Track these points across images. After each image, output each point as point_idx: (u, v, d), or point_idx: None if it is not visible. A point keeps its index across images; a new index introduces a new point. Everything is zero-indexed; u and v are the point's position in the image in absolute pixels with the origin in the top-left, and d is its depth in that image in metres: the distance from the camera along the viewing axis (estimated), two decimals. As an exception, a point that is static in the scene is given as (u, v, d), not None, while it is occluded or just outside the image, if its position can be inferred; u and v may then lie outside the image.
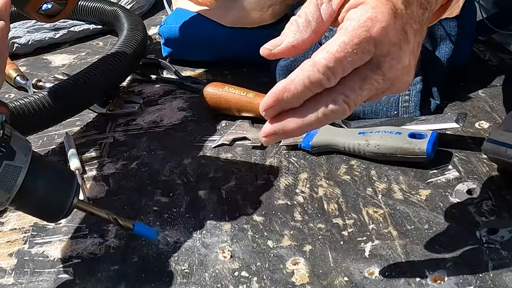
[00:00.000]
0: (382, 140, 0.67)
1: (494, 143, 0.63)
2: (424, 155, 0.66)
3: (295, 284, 0.55)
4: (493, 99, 0.79)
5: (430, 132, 0.68)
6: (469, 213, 0.60)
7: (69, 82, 0.80)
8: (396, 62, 0.48)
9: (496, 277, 0.53)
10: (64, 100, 0.77)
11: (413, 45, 0.49)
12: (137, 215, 0.65)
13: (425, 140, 0.66)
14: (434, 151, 0.67)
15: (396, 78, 0.49)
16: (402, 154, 0.67)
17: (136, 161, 0.75)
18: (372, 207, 0.63)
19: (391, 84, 0.49)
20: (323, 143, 0.71)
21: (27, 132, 0.75)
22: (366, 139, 0.68)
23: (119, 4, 1.13)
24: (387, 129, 0.69)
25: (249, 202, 0.65)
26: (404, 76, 0.49)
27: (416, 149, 0.66)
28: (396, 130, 0.68)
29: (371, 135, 0.69)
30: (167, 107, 0.87)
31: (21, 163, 0.51)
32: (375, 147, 0.67)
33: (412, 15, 0.49)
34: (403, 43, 0.48)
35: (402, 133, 0.68)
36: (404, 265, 0.55)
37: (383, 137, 0.68)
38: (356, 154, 0.69)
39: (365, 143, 0.68)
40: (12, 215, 0.67)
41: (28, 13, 0.75)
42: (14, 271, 0.59)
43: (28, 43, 1.11)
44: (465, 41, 0.84)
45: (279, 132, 0.48)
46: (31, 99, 0.75)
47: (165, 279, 0.57)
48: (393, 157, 0.67)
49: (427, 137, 0.67)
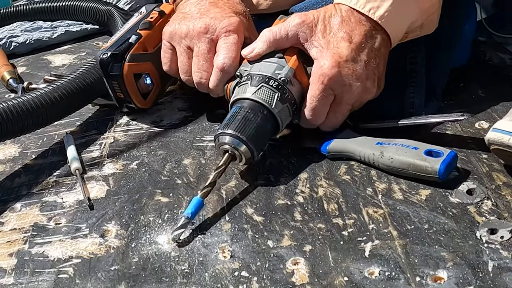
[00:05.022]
0: (397, 154, 0.66)
1: (498, 132, 0.63)
2: (436, 175, 0.63)
3: (295, 284, 0.55)
4: (493, 99, 0.79)
5: (447, 152, 0.65)
6: (469, 213, 0.60)
7: (55, 85, 0.79)
8: (351, 94, 0.68)
9: (496, 277, 0.53)
10: (55, 103, 0.77)
11: (366, 74, 0.68)
12: (137, 215, 0.65)
13: (440, 160, 0.64)
14: (449, 172, 0.64)
15: (357, 100, 0.70)
16: (414, 171, 0.65)
17: (136, 161, 0.75)
18: (372, 207, 0.63)
19: (357, 101, 0.70)
20: (339, 149, 0.70)
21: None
22: (381, 151, 0.67)
23: (114, 4, 1.14)
24: (405, 143, 0.67)
25: (249, 202, 0.65)
26: (365, 95, 0.70)
27: (428, 167, 0.64)
28: (414, 145, 0.66)
29: (388, 147, 0.67)
30: (167, 107, 0.87)
31: None
32: (388, 160, 0.66)
33: (358, 56, 0.67)
34: (352, 81, 0.67)
35: (419, 148, 0.66)
36: (404, 265, 0.55)
37: (398, 150, 0.66)
38: (371, 164, 0.68)
39: (380, 154, 0.67)
40: (12, 215, 0.67)
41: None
42: (14, 271, 0.59)
43: (26, 42, 1.12)
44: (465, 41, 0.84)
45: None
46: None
47: (165, 279, 0.57)
48: (405, 172, 0.65)
49: (442, 156, 0.64)
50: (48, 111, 0.76)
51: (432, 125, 0.74)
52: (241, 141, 0.66)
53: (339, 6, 0.69)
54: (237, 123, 0.66)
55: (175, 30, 0.76)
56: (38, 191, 0.71)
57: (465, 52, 0.86)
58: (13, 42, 1.11)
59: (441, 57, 0.80)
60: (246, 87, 0.69)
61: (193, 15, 0.76)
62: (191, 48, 0.76)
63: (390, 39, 0.69)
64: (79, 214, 0.66)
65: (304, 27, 0.69)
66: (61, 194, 0.70)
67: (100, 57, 0.78)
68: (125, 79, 0.79)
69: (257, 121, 0.67)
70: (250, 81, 0.69)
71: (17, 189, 0.72)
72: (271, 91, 0.68)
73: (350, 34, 0.67)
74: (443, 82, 0.80)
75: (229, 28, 0.74)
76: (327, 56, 0.67)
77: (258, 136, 0.67)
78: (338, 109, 0.70)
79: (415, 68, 0.75)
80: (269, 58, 0.71)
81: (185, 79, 0.79)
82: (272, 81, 0.68)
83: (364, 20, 0.68)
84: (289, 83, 0.69)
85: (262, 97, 0.68)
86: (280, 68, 0.69)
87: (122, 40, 0.80)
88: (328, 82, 0.67)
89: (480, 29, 0.94)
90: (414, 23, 0.70)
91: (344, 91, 0.68)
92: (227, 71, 0.73)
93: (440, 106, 0.78)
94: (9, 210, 0.68)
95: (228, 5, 0.78)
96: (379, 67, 0.69)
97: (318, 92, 0.68)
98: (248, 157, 0.67)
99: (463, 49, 0.85)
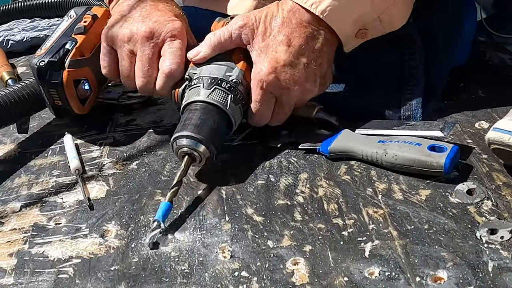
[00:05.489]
0: (400, 151, 0.65)
1: (498, 131, 0.63)
2: (442, 170, 0.63)
3: (295, 284, 0.55)
4: (493, 99, 0.79)
5: (450, 146, 0.65)
6: (469, 213, 0.60)
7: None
8: (291, 97, 0.70)
9: (496, 277, 0.53)
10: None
11: (305, 76, 0.69)
12: (137, 215, 0.65)
13: (444, 154, 0.64)
14: (453, 166, 0.65)
15: (299, 100, 0.71)
16: (419, 167, 0.65)
17: (136, 161, 0.75)
18: (372, 207, 0.63)
19: (298, 101, 0.72)
20: (341, 149, 0.70)
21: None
22: (384, 148, 0.67)
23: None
24: (407, 139, 0.67)
25: (249, 202, 0.65)
26: (305, 96, 0.71)
27: (433, 162, 0.64)
28: (417, 141, 0.66)
29: (390, 144, 0.67)
30: (167, 107, 0.87)
31: None
32: (392, 157, 0.66)
33: (297, 59, 0.68)
34: (290, 85, 0.69)
35: (422, 144, 0.65)
36: (404, 265, 0.55)
37: (401, 147, 0.66)
38: (374, 163, 0.68)
39: (383, 152, 0.66)
40: (12, 215, 0.67)
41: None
42: (14, 271, 0.59)
43: (22, 40, 1.12)
44: (465, 41, 0.84)
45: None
46: None
47: (165, 279, 0.57)
48: (410, 169, 0.65)
49: (446, 151, 0.64)
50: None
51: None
52: (199, 141, 0.66)
53: (281, 5, 0.70)
54: (193, 125, 0.67)
55: (117, 33, 0.75)
56: (38, 191, 0.71)
57: (465, 52, 0.86)
58: (10, 41, 1.11)
59: (441, 57, 0.80)
60: (199, 89, 0.70)
61: (134, 18, 0.75)
62: (133, 52, 0.75)
63: (337, 34, 0.69)
64: (79, 214, 0.66)
65: (246, 29, 0.70)
66: (61, 194, 0.70)
67: (37, 65, 0.76)
68: (65, 86, 0.77)
69: (212, 122, 0.68)
70: (202, 84, 0.70)
71: (17, 189, 0.72)
72: (224, 93, 0.70)
73: (290, 37, 0.68)
74: (443, 82, 0.80)
75: (173, 32, 0.74)
76: (264, 61, 0.69)
77: (214, 136, 0.68)
78: (280, 110, 0.72)
79: (413, 64, 0.76)
80: (218, 61, 0.72)
81: (126, 83, 0.78)
82: (224, 83, 0.70)
83: (305, 21, 0.68)
84: (240, 84, 0.70)
85: (216, 99, 0.69)
86: (230, 70, 0.71)
87: (58, 46, 0.78)
88: (267, 87, 0.69)
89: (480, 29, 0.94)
90: (365, 17, 0.68)
91: (283, 95, 0.70)
92: (174, 76, 0.73)
93: (440, 106, 0.78)
94: (9, 210, 0.68)
95: (169, 9, 0.77)
96: (321, 66, 0.70)
97: (259, 97, 0.70)
98: (207, 156, 0.67)
99: (463, 49, 0.85)
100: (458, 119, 0.76)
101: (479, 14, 0.91)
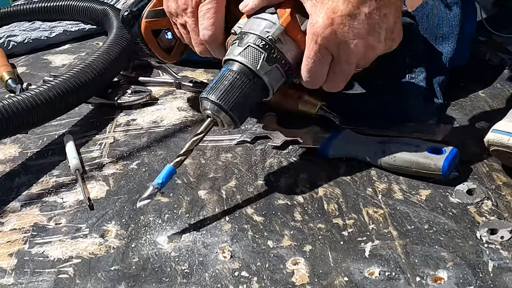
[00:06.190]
0: (399, 152, 0.65)
1: (498, 133, 0.63)
2: (440, 172, 0.63)
3: (295, 284, 0.55)
4: (493, 99, 0.80)
5: (450, 148, 0.65)
6: (469, 213, 0.60)
7: (50, 85, 0.79)
8: (350, 53, 0.62)
9: (496, 277, 0.53)
10: (45, 104, 0.76)
11: (367, 29, 0.60)
12: (137, 215, 0.65)
13: (442, 157, 0.64)
14: (452, 169, 0.64)
15: (361, 58, 0.63)
16: (417, 169, 0.64)
17: (136, 161, 0.75)
18: (372, 207, 0.63)
19: (361, 60, 0.63)
20: (341, 149, 0.70)
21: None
22: (383, 150, 0.66)
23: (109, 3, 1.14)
24: (407, 141, 0.67)
25: (249, 202, 0.65)
26: (369, 53, 0.63)
27: (432, 165, 0.63)
28: (416, 143, 0.66)
29: (390, 145, 0.67)
30: (167, 107, 0.87)
31: None
32: (391, 159, 0.66)
33: (357, 9, 0.60)
34: (349, 39, 0.61)
35: (421, 146, 0.65)
36: (404, 265, 0.55)
37: (400, 148, 0.66)
38: (373, 164, 0.68)
39: (382, 153, 0.66)
40: (12, 215, 0.67)
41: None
42: (14, 271, 0.59)
43: (24, 41, 1.12)
44: (465, 41, 0.84)
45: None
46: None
47: (165, 279, 0.57)
48: (409, 170, 0.65)
49: (445, 153, 0.64)
50: (43, 110, 0.76)
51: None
52: (222, 109, 0.64)
53: None
54: (222, 89, 0.64)
55: (168, 8, 0.75)
56: (38, 191, 0.71)
57: (465, 51, 0.86)
58: (11, 42, 1.11)
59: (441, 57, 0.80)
60: (235, 47, 0.66)
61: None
62: (184, 25, 0.75)
63: None
64: (79, 214, 0.66)
65: None
66: (61, 194, 0.70)
67: (122, 15, 0.79)
68: (144, 36, 0.79)
69: (243, 87, 0.64)
70: (239, 40, 0.66)
71: (17, 189, 0.72)
72: (257, 51, 0.64)
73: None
74: (443, 82, 0.80)
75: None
76: (320, 12, 0.61)
77: (242, 104, 0.64)
78: (337, 69, 0.64)
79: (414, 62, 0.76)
80: (261, 14, 0.66)
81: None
82: (259, 40, 0.64)
83: None
84: (278, 42, 0.64)
85: (248, 57, 0.64)
86: (271, 26, 0.65)
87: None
88: (322, 42, 0.61)
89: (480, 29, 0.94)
90: None
91: (341, 51, 0.62)
92: (211, 41, 0.72)
93: (440, 106, 0.78)
94: (9, 210, 0.68)
95: None
96: (386, 18, 0.61)
97: (313, 53, 0.62)
98: (230, 124, 0.65)
99: (463, 49, 0.85)
100: (458, 119, 0.76)
101: (479, 14, 0.91)
